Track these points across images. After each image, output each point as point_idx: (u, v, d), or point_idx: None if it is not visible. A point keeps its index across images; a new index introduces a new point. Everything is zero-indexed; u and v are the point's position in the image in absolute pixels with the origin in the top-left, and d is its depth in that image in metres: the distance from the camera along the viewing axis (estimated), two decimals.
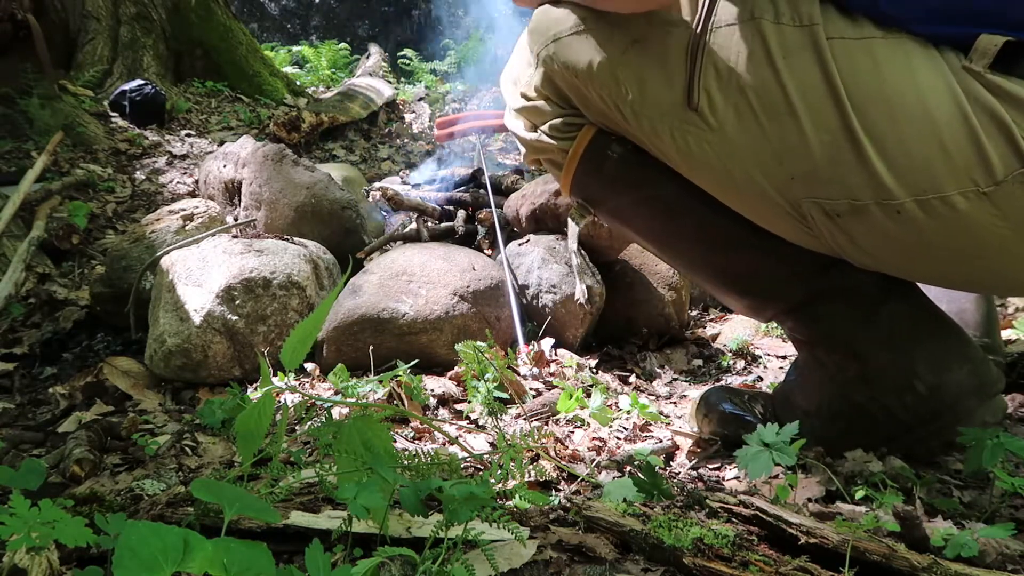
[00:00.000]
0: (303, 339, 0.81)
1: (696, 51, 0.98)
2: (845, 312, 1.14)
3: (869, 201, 0.95)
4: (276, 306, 1.73)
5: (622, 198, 1.22)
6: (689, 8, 1.01)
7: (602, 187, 1.22)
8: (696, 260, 1.24)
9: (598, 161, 1.18)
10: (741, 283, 1.21)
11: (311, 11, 11.15)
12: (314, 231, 2.19)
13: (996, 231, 0.93)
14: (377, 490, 0.74)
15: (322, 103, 4.85)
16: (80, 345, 1.96)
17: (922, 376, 1.10)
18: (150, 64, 4.65)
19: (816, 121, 0.94)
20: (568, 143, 1.19)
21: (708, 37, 0.98)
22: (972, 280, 1.10)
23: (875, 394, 1.13)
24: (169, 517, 0.85)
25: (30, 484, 0.82)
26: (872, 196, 0.94)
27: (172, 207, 2.27)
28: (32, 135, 3.47)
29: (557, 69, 1.12)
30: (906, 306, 1.13)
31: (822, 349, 1.18)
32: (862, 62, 0.92)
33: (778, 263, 1.15)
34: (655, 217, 1.21)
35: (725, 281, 1.23)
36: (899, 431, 1.13)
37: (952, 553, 0.79)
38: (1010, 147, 0.88)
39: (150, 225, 2.15)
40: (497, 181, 2.45)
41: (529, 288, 1.88)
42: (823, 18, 0.94)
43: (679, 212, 1.17)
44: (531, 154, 1.27)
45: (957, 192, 0.91)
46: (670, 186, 1.14)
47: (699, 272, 1.26)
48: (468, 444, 1.30)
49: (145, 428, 1.47)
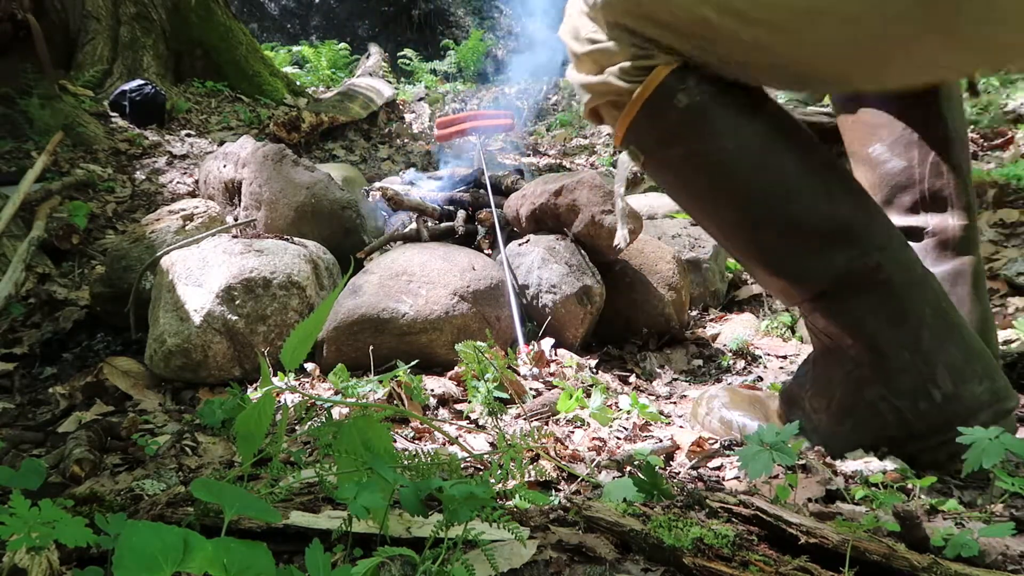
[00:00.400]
0: (303, 339, 0.81)
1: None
2: (875, 306, 1.13)
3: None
4: (276, 306, 1.73)
5: (675, 149, 1.20)
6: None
7: (659, 135, 1.20)
8: (733, 228, 1.22)
9: (662, 107, 1.16)
10: (774, 259, 1.20)
11: (311, 11, 11.15)
12: (314, 231, 2.19)
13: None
14: (377, 490, 0.74)
15: (322, 103, 4.85)
16: (80, 345, 1.96)
17: (940, 383, 1.09)
18: (150, 64, 4.65)
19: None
20: (635, 86, 1.17)
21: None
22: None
23: (889, 394, 1.13)
24: (169, 517, 0.85)
25: (30, 484, 0.82)
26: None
27: (172, 207, 2.27)
28: (32, 135, 3.48)
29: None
30: (936, 310, 1.13)
31: (843, 342, 1.17)
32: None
33: (812, 241, 1.15)
34: (703, 174, 1.19)
35: (759, 255, 1.22)
36: (908, 436, 1.12)
37: (952, 553, 0.79)
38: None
39: (150, 225, 2.15)
40: (497, 181, 2.45)
41: (529, 288, 1.88)
42: None
43: (727, 174, 1.16)
44: (593, 99, 1.23)
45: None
46: (725, 144, 1.14)
47: (734, 242, 1.24)
48: (468, 444, 1.30)
49: (145, 428, 1.47)
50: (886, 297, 1.13)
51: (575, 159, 4.29)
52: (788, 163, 1.16)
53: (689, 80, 1.14)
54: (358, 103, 4.81)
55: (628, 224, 1.58)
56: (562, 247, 1.92)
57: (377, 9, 11.00)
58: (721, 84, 1.14)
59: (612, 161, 4.16)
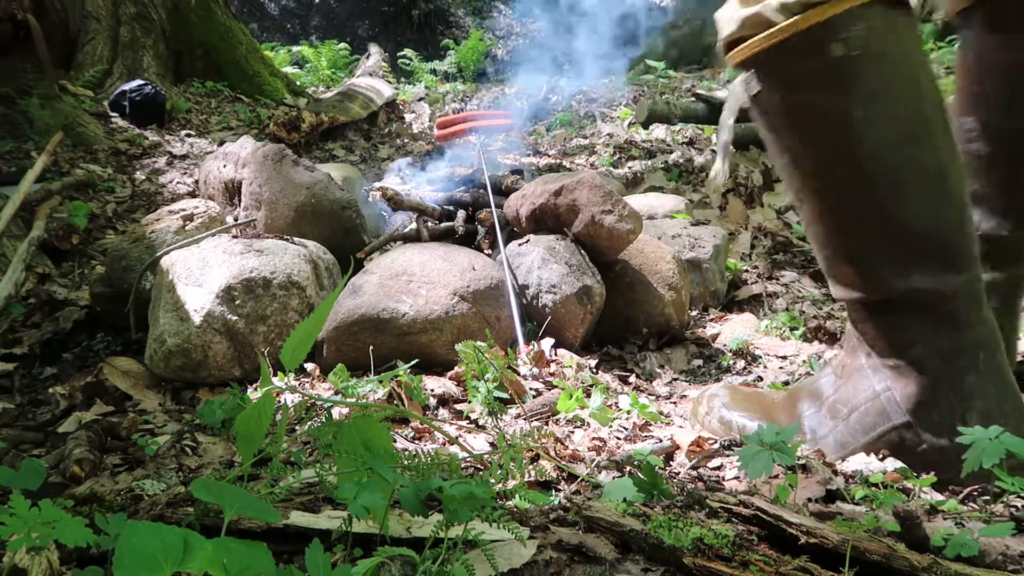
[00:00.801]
0: (304, 339, 0.81)
1: None
2: (931, 334, 1.10)
3: None
4: (276, 306, 1.73)
5: (803, 96, 1.11)
6: None
7: (794, 75, 1.11)
8: (828, 200, 1.15)
9: (810, 49, 1.07)
10: (856, 249, 1.14)
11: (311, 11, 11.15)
12: (314, 231, 2.19)
13: None
14: (377, 490, 0.74)
15: (322, 103, 4.85)
16: (80, 345, 1.96)
17: (970, 425, 1.07)
18: (150, 64, 4.65)
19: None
20: (793, 16, 1.07)
21: None
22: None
23: (916, 423, 1.11)
24: (169, 517, 0.85)
25: (30, 484, 0.82)
26: None
27: (172, 207, 2.27)
28: (32, 135, 3.47)
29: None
30: (989, 355, 1.10)
31: (883, 355, 1.14)
32: None
33: (905, 248, 1.10)
34: (823, 134, 1.12)
35: (841, 238, 1.16)
36: (920, 467, 1.11)
37: (952, 553, 0.79)
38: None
39: (150, 225, 2.15)
40: (497, 181, 2.45)
41: (529, 288, 1.88)
42: None
43: (850, 144, 1.09)
44: (738, 31, 1.14)
45: None
46: (863, 113, 1.07)
47: (819, 214, 1.17)
48: (468, 444, 1.30)
49: (145, 428, 1.47)
50: (946, 329, 1.10)
51: (575, 159, 4.29)
52: (918, 156, 1.08)
53: (855, 27, 1.04)
54: (358, 103, 4.81)
55: (727, 157, 1.37)
56: (562, 247, 1.92)
57: (377, 9, 10.99)
58: (892, 41, 1.06)
59: (612, 161, 4.16)
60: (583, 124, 5.32)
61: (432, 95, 6.33)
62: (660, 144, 4.39)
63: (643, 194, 3.09)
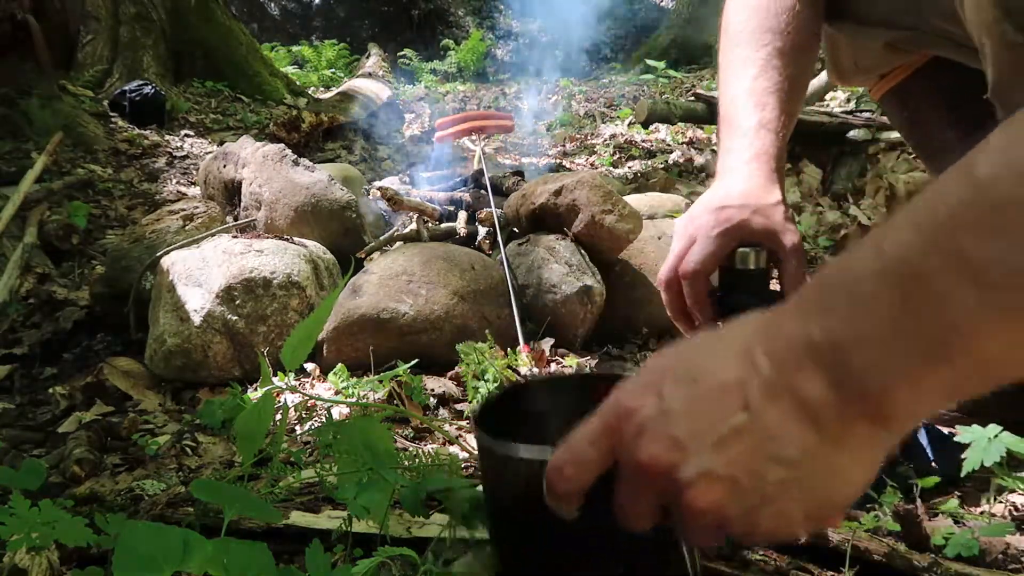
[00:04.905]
0: (304, 339, 0.81)
1: None
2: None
3: None
4: (276, 306, 1.73)
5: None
6: None
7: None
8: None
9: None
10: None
11: (311, 12, 11.16)
12: (314, 231, 2.18)
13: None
14: (377, 490, 0.74)
15: (322, 103, 4.85)
16: (80, 345, 1.96)
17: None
18: (150, 64, 4.65)
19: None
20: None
21: None
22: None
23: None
24: (169, 517, 0.85)
25: (30, 484, 0.82)
26: None
27: (172, 207, 2.27)
28: (32, 135, 3.47)
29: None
30: None
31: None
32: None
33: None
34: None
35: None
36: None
37: (952, 552, 0.79)
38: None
39: (150, 225, 2.15)
40: (497, 181, 2.44)
41: (529, 288, 1.88)
42: None
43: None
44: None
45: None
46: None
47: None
48: (468, 444, 1.30)
49: (145, 428, 1.47)
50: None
51: (575, 159, 4.29)
52: None
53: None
54: (358, 103, 4.81)
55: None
56: (562, 247, 1.92)
57: (377, 9, 11.00)
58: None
59: (612, 161, 4.16)
60: (583, 124, 5.32)
61: (432, 95, 6.34)
62: (660, 144, 4.40)
63: (643, 194, 3.08)
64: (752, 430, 0.50)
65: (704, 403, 0.52)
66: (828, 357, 0.49)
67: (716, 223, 0.95)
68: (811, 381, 0.49)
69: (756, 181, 0.97)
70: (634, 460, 0.53)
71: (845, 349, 0.48)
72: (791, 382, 0.50)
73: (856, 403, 0.48)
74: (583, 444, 0.56)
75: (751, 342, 0.52)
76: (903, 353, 0.46)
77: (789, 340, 0.50)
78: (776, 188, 0.97)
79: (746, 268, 0.94)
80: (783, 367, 0.50)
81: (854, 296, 0.48)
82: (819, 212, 3.09)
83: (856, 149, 3.40)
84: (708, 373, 0.53)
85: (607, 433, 0.55)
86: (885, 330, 0.47)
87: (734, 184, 0.97)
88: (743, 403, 0.51)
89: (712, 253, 0.95)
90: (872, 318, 0.47)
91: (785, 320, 0.52)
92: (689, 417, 0.52)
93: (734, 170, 0.99)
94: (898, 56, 1.12)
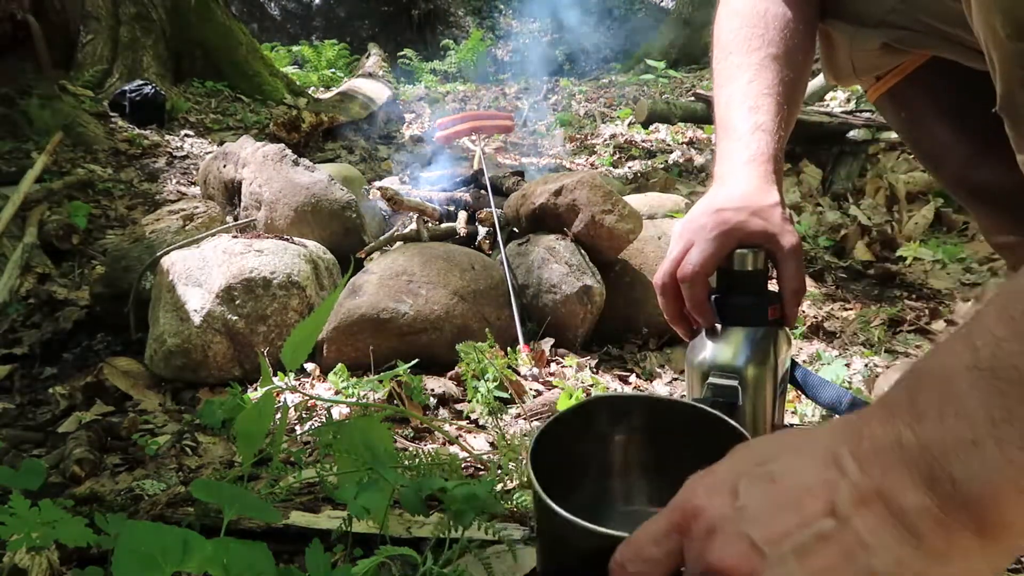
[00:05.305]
0: (304, 339, 0.81)
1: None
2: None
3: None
4: (276, 306, 1.73)
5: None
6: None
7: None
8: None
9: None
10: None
11: (311, 11, 11.16)
12: (314, 231, 2.19)
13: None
14: (377, 490, 0.74)
15: (322, 103, 4.85)
16: (80, 345, 1.96)
17: None
18: (150, 64, 4.65)
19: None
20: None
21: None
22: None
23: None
24: (169, 517, 0.85)
25: (30, 484, 0.82)
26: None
27: (172, 207, 2.27)
28: (32, 135, 3.47)
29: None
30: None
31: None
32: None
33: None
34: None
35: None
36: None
37: None
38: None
39: (150, 225, 2.16)
40: (497, 181, 2.45)
41: (529, 288, 1.88)
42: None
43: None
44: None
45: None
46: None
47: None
48: (468, 444, 1.30)
49: (145, 428, 1.47)
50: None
51: (575, 159, 4.29)
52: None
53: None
54: (358, 103, 4.81)
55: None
56: (562, 247, 1.92)
57: (377, 9, 11.00)
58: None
59: (612, 161, 4.16)
60: (583, 124, 5.32)
61: (432, 95, 6.34)
62: (660, 144, 4.40)
63: (643, 194, 3.08)
64: (840, 538, 0.46)
65: (784, 505, 0.47)
66: (923, 461, 0.44)
67: (714, 225, 0.94)
68: (906, 487, 0.45)
69: (753, 183, 0.96)
70: (704, 562, 0.49)
71: (942, 452, 0.44)
72: (883, 487, 0.45)
73: (957, 512, 0.43)
74: (648, 542, 0.52)
75: (836, 441, 0.48)
76: (1007, 456, 0.42)
77: (877, 441, 0.46)
78: (774, 189, 0.97)
79: (744, 270, 0.94)
80: (873, 471, 0.46)
81: (947, 396, 0.44)
82: (819, 212, 3.09)
83: (856, 149, 3.40)
84: (788, 473, 0.49)
85: (675, 531, 0.51)
86: (982, 432, 0.42)
87: (731, 187, 0.97)
88: (829, 508, 0.46)
89: (711, 255, 0.94)
90: (969, 418, 0.43)
91: (872, 421, 0.48)
92: (767, 519, 0.47)
93: (731, 173, 0.98)
94: (895, 57, 1.12)
